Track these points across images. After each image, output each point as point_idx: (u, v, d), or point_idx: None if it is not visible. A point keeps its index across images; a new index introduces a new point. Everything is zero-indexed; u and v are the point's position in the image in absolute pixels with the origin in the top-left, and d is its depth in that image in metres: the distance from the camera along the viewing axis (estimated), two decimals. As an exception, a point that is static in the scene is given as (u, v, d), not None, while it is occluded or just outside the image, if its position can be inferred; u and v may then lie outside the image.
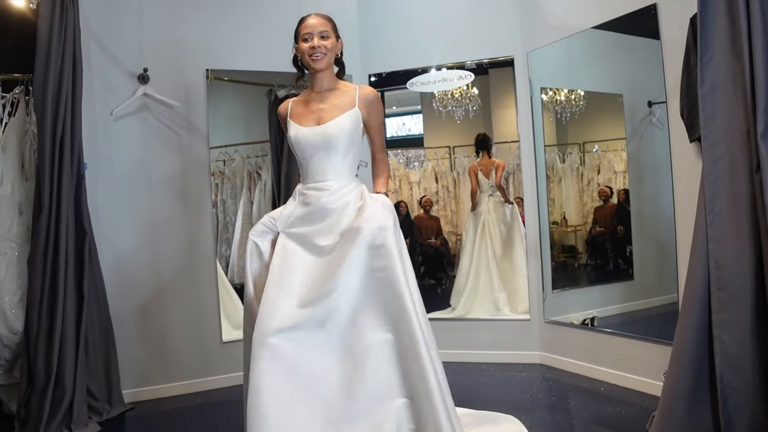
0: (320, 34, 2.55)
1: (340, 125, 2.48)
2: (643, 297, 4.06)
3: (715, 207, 2.41)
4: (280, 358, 2.22)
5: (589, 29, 3.85)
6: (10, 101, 3.76)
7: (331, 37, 2.57)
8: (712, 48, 2.41)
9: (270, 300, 2.31)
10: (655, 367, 3.32)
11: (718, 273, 2.39)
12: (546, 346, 4.31)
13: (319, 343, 2.29)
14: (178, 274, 4.09)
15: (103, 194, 3.87)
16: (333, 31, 2.59)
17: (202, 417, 3.68)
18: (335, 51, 2.60)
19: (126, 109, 3.93)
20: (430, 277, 5.29)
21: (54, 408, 3.29)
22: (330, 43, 2.56)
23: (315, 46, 2.53)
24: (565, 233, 4.68)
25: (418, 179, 5.48)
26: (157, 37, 4.05)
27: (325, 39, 2.55)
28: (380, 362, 2.29)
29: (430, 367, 2.24)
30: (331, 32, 2.57)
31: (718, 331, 2.38)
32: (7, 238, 3.60)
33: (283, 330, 2.25)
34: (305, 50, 2.55)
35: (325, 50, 2.54)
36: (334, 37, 2.59)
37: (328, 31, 2.56)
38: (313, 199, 2.48)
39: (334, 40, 2.58)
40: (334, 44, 2.58)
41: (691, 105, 2.98)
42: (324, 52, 2.54)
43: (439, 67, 4.70)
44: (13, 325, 3.52)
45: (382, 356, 2.29)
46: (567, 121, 4.46)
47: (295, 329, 2.27)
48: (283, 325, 2.26)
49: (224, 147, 4.76)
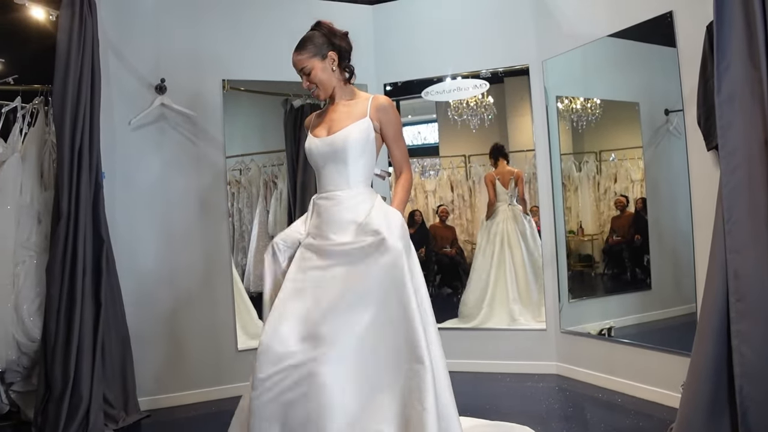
0: (302, 71, 2.53)
1: (346, 135, 2.47)
2: (660, 307, 4.01)
3: (733, 216, 2.38)
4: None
5: (605, 37, 3.83)
6: (29, 112, 3.82)
7: (313, 68, 2.51)
8: (729, 56, 2.38)
9: (272, 325, 2.35)
10: (673, 378, 3.28)
11: (736, 283, 2.36)
12: (562, 357, 4.27)
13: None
14: (194, 283, 4.12)
15: (120, 203, 3.91)
16: (313, 56, 2.51)
17: (218, 425, 3.67)
18: (326, 72, 2.54)
19: (143, 119, 3.98)
20: (447, 286, 5.27)
21: (71, 415, 3.32)
22: (314, 74, 2.51)
23: (307, 86, 2.56)
24: (582, 242, 4.64)
25: (434, 188, 5.47)
26: (174, 48, 4.10)
27: (309, 74, 2.52)
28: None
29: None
30: (310, 61, 2.50)
31: (737, 343, 2.34)
32: (25, 247, 3.65)
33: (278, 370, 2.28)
34: (306, 86, 2.59)
35: (314, 85, 2.55)
36: (318, 60, 2.51)
37: (306, 63, 2.50)
38: (323, 209, 2.49)
39: (318, 65, 2.51)
40: (319, 69, 2.52)
41: (708, 113, 2.95)
42: (314, 88, 2.56)
43: (454, 76, 4.70)
44: (32, 333, 3.56)
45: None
46: (583, 130, 4.44)
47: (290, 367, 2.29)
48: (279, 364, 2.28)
49: (240, 156, 4.79)
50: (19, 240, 3.64)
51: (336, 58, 2.55)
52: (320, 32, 2.56)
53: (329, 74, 2.54)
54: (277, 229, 4.91)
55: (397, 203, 2.54)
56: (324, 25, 2.60)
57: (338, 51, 2.56)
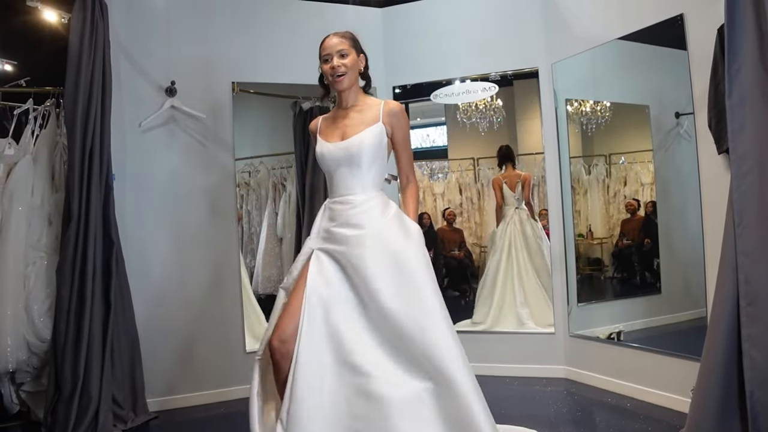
0: (339, 53, 2.52)
1: (361, 140, 2.47)
2: (670, 311, 3.99)
3: (744, 220, 2.37)
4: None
5: (615, 40, 3.82)
6: (41, 114, 3.85)
7: (350, 54, 2.53)
8: (741, 59, 2.38)
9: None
10: (682, 383, 3.26)
11: (747, 287, 2.35)
12: (571, 361, 4.26)
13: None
14: (203, 284, 4.13)
15: (130, 205, 3.94)
16: (353, 47, 2.56)
17: (226, 426, 3.70)
18: (357, 67, 2.57)
19: (154, 121, 4.00)
20: (454, 289, 5.27)
21: (80, 415, 3.34)
22: (350, 60, 2.53)
23: (335, 66, 2.51)
24: (591, 246, 4.63)
25: (442, 191, 5.48)
26: (184, 51, 4.12)
27: (344, 57, 2.52)
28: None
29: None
30: (350, 49, 2.54)
31: (747, 347, 2.33)
32: (36, 248, 3.67)
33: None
34: (327, 71, 2.54)
35: (344, 69, 2.52)
36: (355, 53, 2.56)
37: (347, 48, 2.53)
38: (337, 213, 2.47)
39: (354, 56, 2.55)
40: (354, 61, 2.55)
41: (719, 116, 2.94)
42: (344, 71, 2.52)
43: (463, 78, 4.70)
44: (42, 334, 3.59)
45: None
46: (593, 133, 4.43)
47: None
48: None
49: (250, 158, 4.82)
50: (30, 241, 3.66)
51: (365, 62, 2.62)
52: (355, 35, 2.63)
53: (357, 70, 2.58)
54: (285, 232, 4.92)
55: (413, 215, 2.56)
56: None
57: (365, 59, 2.64)
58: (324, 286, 2.36)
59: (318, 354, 2.27)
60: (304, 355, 2.25)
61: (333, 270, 2.39)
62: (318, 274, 2.39)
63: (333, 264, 2.41)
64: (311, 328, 2.29)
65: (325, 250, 2.44)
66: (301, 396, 2.21)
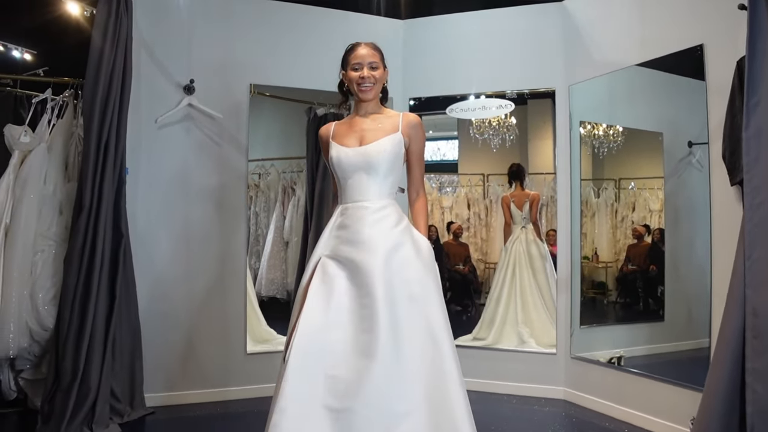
0: (370, 64, 2.56)
1: (381, 147, 2.48)
2: (672, 339, 3.98)
3: (754, 253, 2.37)
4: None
5: (633, 66, 3.84)
6: (59, 104, 3.87)
7: (379, 68, 2.58)
8: (760, 92, 2.39)
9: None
10: (682, 411, 3.25)
11: (754, 320, 2.34)
12: (571, 383, 4.24)
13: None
14: (208, 283, 4.14)
15: (142, 199, 3.95)
16: (381, 61, 2.60)
17: (221, 426, 3.69)
18: (383, 81, 2.62)
19: (170, 118, 4.03)
20: (456, 304, 5.27)
21: (77, 406, 3.33)
22: (379, 73, 2.57)
23: (365, 77, 2.54)
24: (596, 269, 4.63)
25: (450, 204, 5.49)
26: (205, 51, 4.15)
27: (375, 69, 2.56)
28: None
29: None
30: (380, 63, 2.59)
31: (751, 380, 2.33)
32: (46, 236, 3.69)
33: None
34: (354, 79, 2.57)
35: (374, 80, 2.56)
36: (383, 67, 2.60)
37: (377, 61, 2.58)
38: (351, 220, 2.45)
39: (382, 70, 2.59)
40: (382, 74, 2.59)
41: (734, 148, 2.94)
42: (373, 83, 2.56)
43: (479, 94, 4.71)
44: (45, 322, 3.59)
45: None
46: (604, 156, 4.44)
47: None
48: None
49: (261, 161, 4.83)
50: (40, 229, 3.68)
51: (387, 77, 2.65)
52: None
53: (382, 83, 2.62)
54: (292, 236, 4.93)
55: (423, 230, 2.57)
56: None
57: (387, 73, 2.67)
58: (319, 308, 2.33)
59: (305, 391, 2.22)
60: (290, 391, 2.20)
61: (339, 275, 2.38)
62: (320, 288, 2.37)
63: (339, 269, 2.39)
64: (301, 355, 2.25)
65: (332, 256, 2.43)
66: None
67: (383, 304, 2.26)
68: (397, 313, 2.27)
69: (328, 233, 2.51)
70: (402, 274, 2.34)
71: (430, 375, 2.25)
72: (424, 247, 2.46)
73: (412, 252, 2.41)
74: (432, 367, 2.26)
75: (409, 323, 2.28)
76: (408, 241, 2.42)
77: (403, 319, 2.27)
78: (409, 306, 2.30)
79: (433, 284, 2.40)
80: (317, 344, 2.25)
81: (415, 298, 2.32)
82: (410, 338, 2.26)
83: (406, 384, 2.22)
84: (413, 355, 2.25)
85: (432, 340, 2.29)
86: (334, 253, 2.43)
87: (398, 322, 2.26)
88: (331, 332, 2.28)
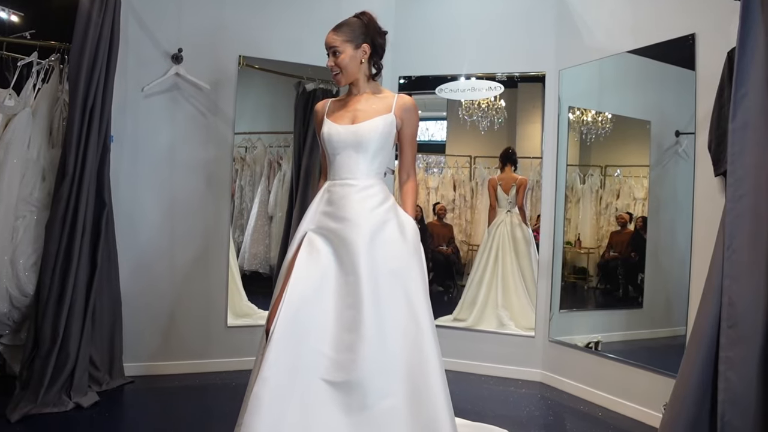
0: (332, 51, 2.50)
1: (373, 126, 2.47)
2: (649, 326, 4.04)
3: (733, 243, 2.40)
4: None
5: (624, 53, 3.84)
6: (44, 68, 3.80)
7: (344, 51, 2.49)
8: (748, 84, 2.39)
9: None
10: (655, 397, 3.31)
11: (730, 310, 2.37)
12: (548, 365, 4.30)
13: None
14: (190, 255, 4.13)
15: (126, 168, 3.92)
16: (348, 41, 2.50)
17: (198, 397, 3.71)
18: (354, 61, 2.52)
19: (157, 87, 3.98)
20: (438, 285, 5.29)
21: (56, 373, 3.33)
22: (343, 57, 2.49)
23: (331, 66, 2.52)
24: (578, 254, 4.66)
25: (436, 185, 5.48)
26: (195, 19, 4.09)
27: (337, 56, 2.49)
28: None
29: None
30: (343, 44, 2.49)
31: (724, 368, 2.36)
32: (28, 202, 3.64)
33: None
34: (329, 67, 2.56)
35: (338, 68, 2.51)
36: (352, 47, 2.50)
37: (339, 45, 2.48)
38: (337, 197, 2.44)
39: (350, 50, 2.50)
40: (350, 55, 2.50)
41: (720, 139, 2.96)
42: (338, 71, 2.52)
43: (469, 76, 4.70)
44: (25, 288, 3.56)
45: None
46: (591, 143, 4.45)
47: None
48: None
49: (248, 134, 4.79)
50: (22, 194, 3.63)
51: (368, 51, 2.54)
52: (362, 21, 2.55)
53: (356, 64, 2.53)
54: (276, 210, 4.92)
55: (410, 210, 2.56)
56: (367, 15, 2.57)
57: (372, 46, 2.55)
58: (306, 278, 2.32)
59: (286, 365, 2.20)
60: (271, 370, 2.17)
61: (325, 250, 2.37)
62: (307, 260, 2.36)
63: (324, 244, 2.39)
64: (285, 331, 2.23)
65: (318, 231, 2.43)
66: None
67: (367, 281, 2.27)
68: (379, 290, 2.28)
69: (314, 209, 2.50)
70: (385, 251, 2.34)
71: (411, 354, 2.27)
72: (408, 227, 2.45)
73: (397, 230, 2.41)
74: (413, 346, 2.27)
75: (391, 300, 2.29)
76: (393, 219, 2.42)
77: (385, 296, 2.28)
78: (391, 281, 2.31)
79: (416, 264, 2.40)
80: (304, 316, 2.25)
81: (396, 274, 2.33)
82: (393, 317, 2.28)
83: (389, 362, 2.24)
84: (396, 334, 2.27)
85: (413, 318, 2.30)
86: (320, 229, 2.42)
87: (380, 299, 2.27)
88: (317, 304, 2.28)
